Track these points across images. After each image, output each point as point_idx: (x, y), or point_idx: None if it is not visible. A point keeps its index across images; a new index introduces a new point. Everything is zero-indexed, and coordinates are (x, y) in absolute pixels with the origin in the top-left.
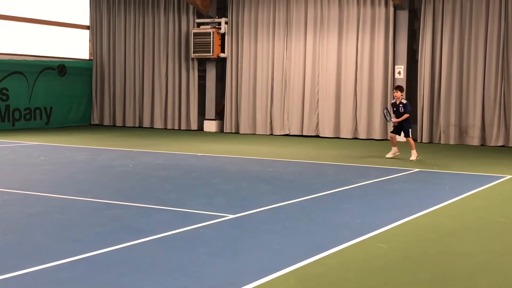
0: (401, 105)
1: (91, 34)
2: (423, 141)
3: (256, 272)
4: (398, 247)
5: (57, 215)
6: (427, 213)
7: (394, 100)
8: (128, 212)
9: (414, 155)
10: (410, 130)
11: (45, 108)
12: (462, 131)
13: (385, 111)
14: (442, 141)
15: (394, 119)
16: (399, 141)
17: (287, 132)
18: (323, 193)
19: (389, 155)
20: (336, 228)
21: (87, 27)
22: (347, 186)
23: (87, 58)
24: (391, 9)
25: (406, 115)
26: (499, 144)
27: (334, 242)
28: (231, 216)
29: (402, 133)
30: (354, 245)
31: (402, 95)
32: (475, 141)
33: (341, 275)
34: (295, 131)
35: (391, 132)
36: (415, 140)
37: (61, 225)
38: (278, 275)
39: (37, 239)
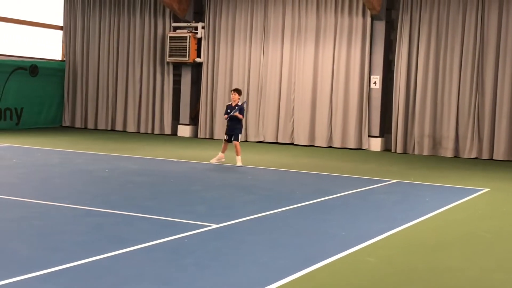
0: (236, 107)
1: (65, 35)
2: (397, 151)
3: (244, 286)
4: (386, 261)
5: (36, 221)
6: (411, 225)
7: (230, 103)
8: (109, 220)
9: (239, 161)
10: (240, 135)
11: (15, 108)
12: (436, 142)
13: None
14: (416, 152)
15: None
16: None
17: (261, 139)
18: (304, 203)
19: (214, 160)
20: (322, 240)
21: (61, 28)
22: (327, 196)
23: (60, 59)
24: (368, 19)
25: (240, 115)
26: (472, 156)
27: (321, 255)
28: (215, 226)
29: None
30: (343, 258)
31: (239, 98)
32: (449, 153)
33: None
34: (270, 138)
35: (228, 141)
36: (388, 150)
37: (41, 233)
38: None
39: (16, 247)
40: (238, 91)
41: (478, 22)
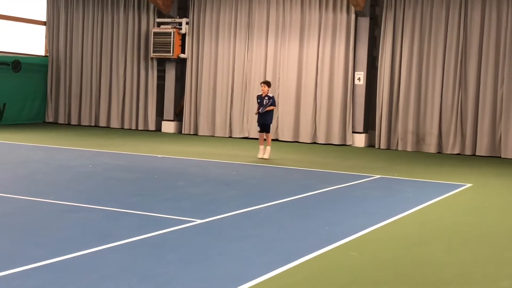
0: (266, 98)
1: (48, 30)
2: (381, 147)
3: (229, 281)
4: (370, 256)
5: (20, 217)
6: (394, 220)
7: (261, 93)
8: (93, 216)
9: (268, 153)
10: (270, 126)
11: None
12: (419, 138)
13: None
14: (399, 148)
15: (261, 109)
16: None
17: (246, 135)
18: (288, 198)
19: (261, 155)
20: (306, 235)
21: (44, 23)
22: (311, 191)
23: (43, 54)
24: (353, 16)
25: (272, 107)
26: (455, 152)
27: (305, 250)
28: (199, 221)
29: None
30: (326, 253)
31: (268, 90)
32: (432, 149)
33: (317, 285)
34: (254, 134)
35: (260, 131)
36: (372, 146)
37: (25, 229)
38: (252, 284)
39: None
40: (268, 84)
41: (461, 18)
